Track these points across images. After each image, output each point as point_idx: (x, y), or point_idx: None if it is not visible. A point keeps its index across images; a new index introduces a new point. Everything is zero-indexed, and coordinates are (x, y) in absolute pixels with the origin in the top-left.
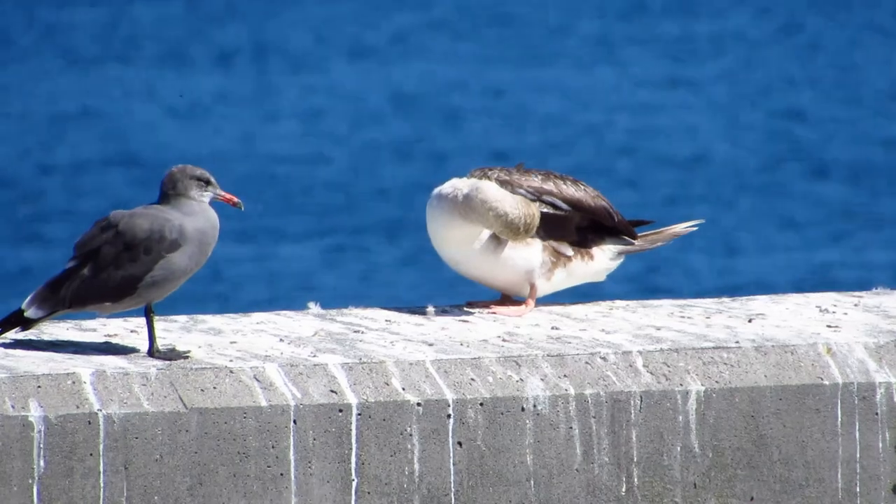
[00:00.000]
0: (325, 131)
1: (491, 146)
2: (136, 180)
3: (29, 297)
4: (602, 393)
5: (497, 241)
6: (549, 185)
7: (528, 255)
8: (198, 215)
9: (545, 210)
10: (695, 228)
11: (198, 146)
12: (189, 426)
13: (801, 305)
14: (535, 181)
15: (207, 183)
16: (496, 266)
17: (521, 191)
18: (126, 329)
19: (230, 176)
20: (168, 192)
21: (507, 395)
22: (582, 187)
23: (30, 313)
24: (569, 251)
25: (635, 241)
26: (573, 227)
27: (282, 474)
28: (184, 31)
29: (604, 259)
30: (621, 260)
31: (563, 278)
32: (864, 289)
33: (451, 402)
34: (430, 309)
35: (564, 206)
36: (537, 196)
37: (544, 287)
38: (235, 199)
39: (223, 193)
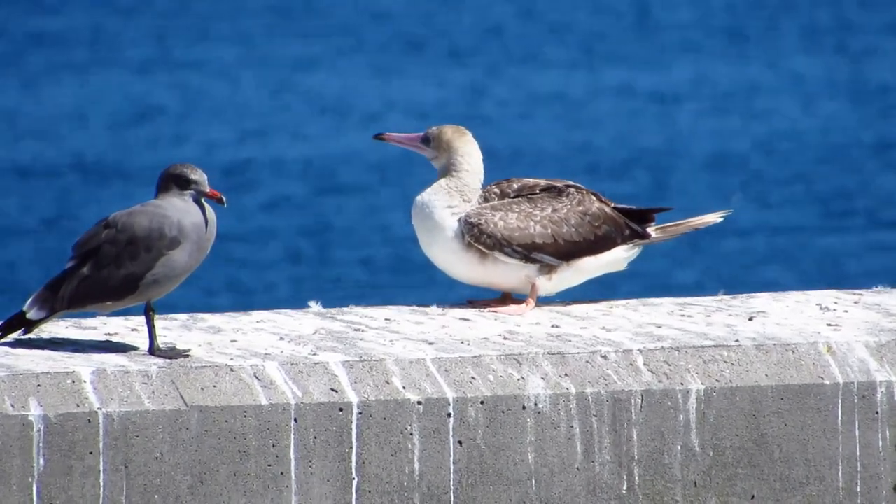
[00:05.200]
0: None
1: None
2: None
3: (30, 299)
4: (603, 391)
5: (483, 254)
6: (547, 239)
7: (522, 262)
8: (195, 212)
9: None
10: (720, 220)
11: None
12: (189, 424)
13: (801, 303)
14: (535, 229)
15: (188, 181)
16: (487, 276)
17: (509, 250)
18: (126, 327)
19: None
20: (160, 191)
21: (508, 394)
22: (587, 219)
23: (31, 315)
24: None
25: (650, 237)
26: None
27: (282, 473)
28: None
29: (618, 251)
30: (640, 249)
31: (571, 275)
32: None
33: (451, 400)
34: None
35: (554, 261)
36: (527, 253)
37: (546, 286)
38: (217, 195)
39: (206, 190)
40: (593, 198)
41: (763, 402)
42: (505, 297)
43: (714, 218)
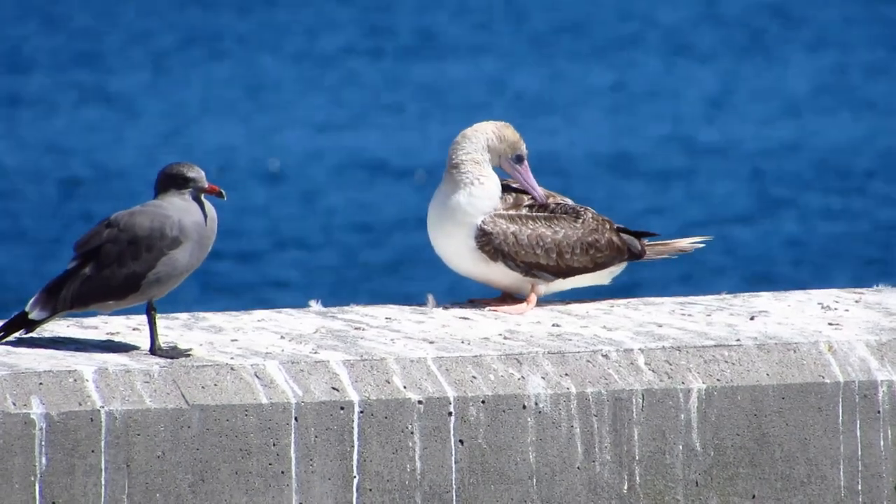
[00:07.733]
0: None
1: None
2: None
3: (32, 299)
4: (603, 391)
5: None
6: (550, 262)
7: (521, 275)
8: (196, 211)
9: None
10: (701, 245)
11: None
12: (191, 423)
13: (802, 303)
14: (540, 251)
15: (185, 180)
16: (490, 273)
17: (511, 264)
18: (128, 327)
19: None
20: (159, 192)
21: (509, 393)
22: (591, 251)
23: (34, 315)
24: None
25: (645, 255)
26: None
27: (283, 471)
28: None
29: (610, 269)
30: (624, 265)
31: (566, 284)
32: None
33: (452, 399)
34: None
35: (552, 277)
36: (528, 269)
37: (544, 288)
38: (217, 189)
39: (205, 186)
40: (607, 226)
41: (764, 401)
42: (505, 297)
43: (695, 243)
